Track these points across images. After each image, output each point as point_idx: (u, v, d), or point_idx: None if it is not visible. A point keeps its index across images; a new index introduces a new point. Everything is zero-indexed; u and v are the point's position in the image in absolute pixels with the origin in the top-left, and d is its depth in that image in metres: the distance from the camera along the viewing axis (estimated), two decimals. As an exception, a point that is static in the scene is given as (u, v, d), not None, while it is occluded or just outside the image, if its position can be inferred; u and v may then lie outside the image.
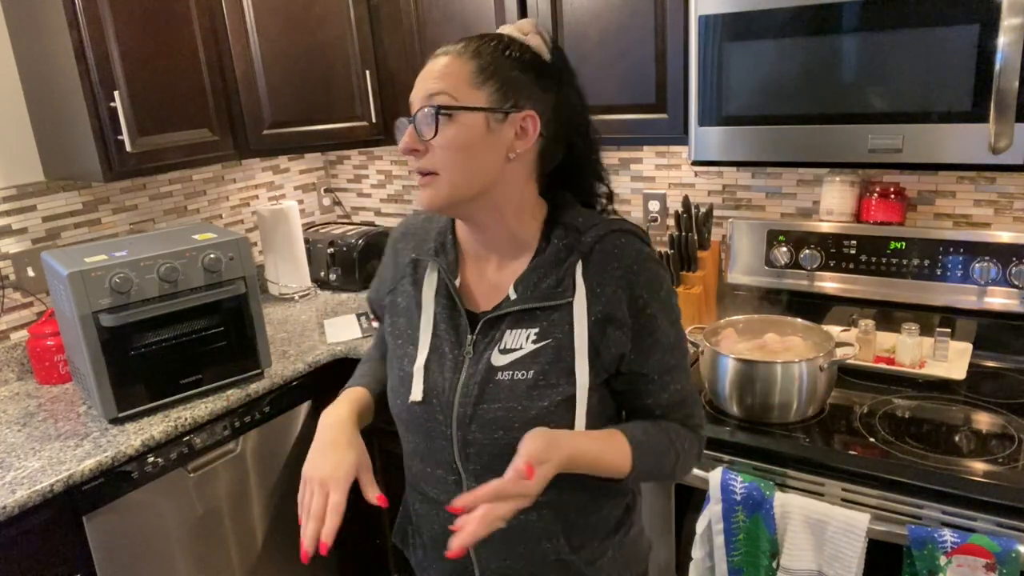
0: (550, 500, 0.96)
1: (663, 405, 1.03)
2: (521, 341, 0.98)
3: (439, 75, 0.93)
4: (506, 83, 0.94)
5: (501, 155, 0.95)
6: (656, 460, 1.01)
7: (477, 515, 0.84)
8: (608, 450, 0.97)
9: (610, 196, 1.09)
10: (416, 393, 1.02)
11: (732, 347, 1.63)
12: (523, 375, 0.97)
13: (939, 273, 1.77)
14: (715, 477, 1.46)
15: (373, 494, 0.98)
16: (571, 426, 0.97)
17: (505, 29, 1.00)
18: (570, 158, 1.03)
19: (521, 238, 1.02)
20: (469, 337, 1.01)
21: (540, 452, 0.88)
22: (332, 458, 1.00)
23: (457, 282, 1.04)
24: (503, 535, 0.95)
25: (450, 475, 1.03)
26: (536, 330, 0.98)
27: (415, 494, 1.12)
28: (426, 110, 0.92)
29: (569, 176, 1.05)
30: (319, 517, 0.98)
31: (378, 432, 2.19)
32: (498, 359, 0.98)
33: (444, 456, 1.02)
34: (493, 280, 1.03)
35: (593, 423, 0.98)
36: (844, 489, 1.40)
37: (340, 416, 1.09)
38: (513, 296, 0.99)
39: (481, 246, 1.04)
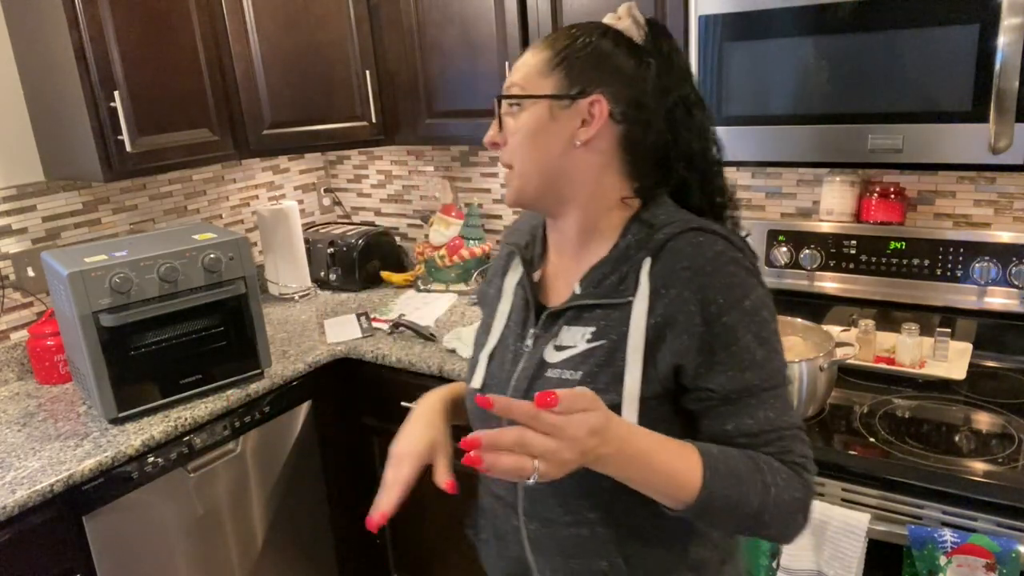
0: (602, 517, 0.92)
1: (747, 433, 0.87)
2: (576, 339, 0.93)
3: (518, 67, 0.95)
4: (575, 68, 0.91)
5: (565, 143, 0.92)
6: (736, 486, 0.83)
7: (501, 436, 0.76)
8: (669, 450, 0.83)
9: (723, 194, 0.98)
10: (477, 381, 1.02)
11: (732, 347, 1.62)
12: (571, 375, 0.91)
13: (939, 273, 1.77)
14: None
15: (443, 478, 0.94)
16: None
17: (605, 18, 0.97)
18: (675, 151, 0.94)
19: (599, 232, 0.96)
20: (531, 330, 0.98)
21: (584, 399, 0.76)
22: (411, 435, 1.03)
23: (537, 275, 1.02)
24: (558, 545, 0.95)
25: None
26: (592, 329, 0.92)
27: (483, 487, 1.10)
28: (501, 101, 0.94)
29: (672, 172, 0.95)
30: (387, 488, 1.00)
31: (377, 431, 2.20)
32: (551, 355, 0.94)
33: None
34: (568, 275, 0.99)
35: None
36: (844, 489, 1.40)
37: (432, 399, 1.09)
38: (578, 291, 0.95)
39: (561, 242, 1.01)
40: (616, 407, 0.87)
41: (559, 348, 0.94)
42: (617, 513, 0.91)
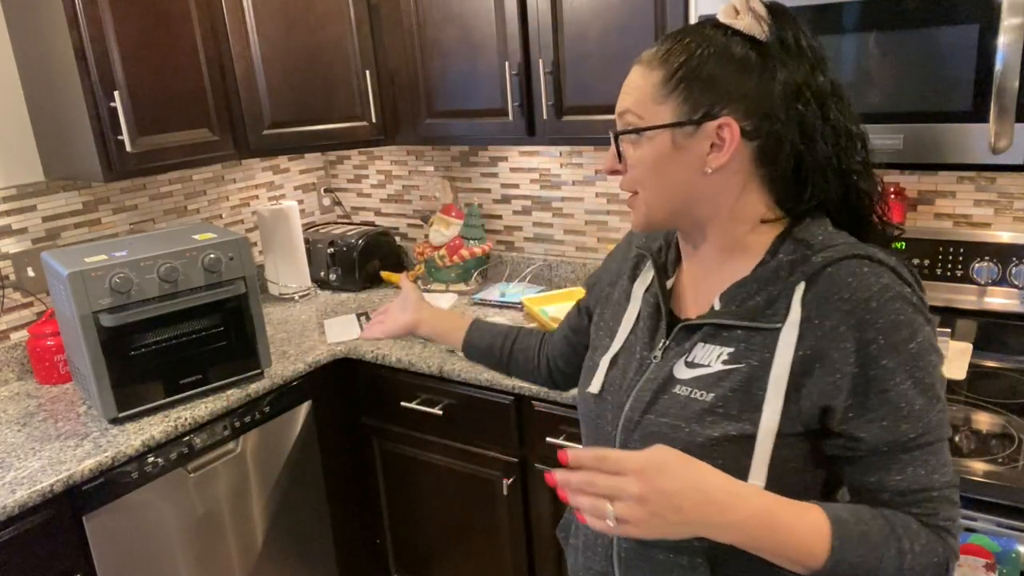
0: (707, 548, 0.84)
1: (893, 489, 0.80)
2: (711, 358, 0.86)
3: (628, 91, 0.88)
4: (696, 88, 0.83)
5: (695, 170, 0.84)
6: (868, 553, 0.76)
7: (574, 479, 0.76)
8: (791, 515, 0.76)
9: (868, 202, 0.88)
10: (595, 385, 0.97)
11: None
12: (701, 395, 0.84)
13: (939, 273, 1.77)
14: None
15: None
16: (743, 474, 0.80)
17: (720, 15, 0.87)
18: (809, 161, 0.84)
19: (742, 248, 0.89)
20: (663, 341, 0.92)
21: (660, 461, 0.74)
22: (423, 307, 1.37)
23: (670, 283, 0.97)
24: (651, 568, 0.90)
25: None
26: (730, 350, 0.85)
27: None
28: (631, 131, 0.87)
29: (809, 184, 0.86)
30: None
31: (377, 432, 2.20)
32: (681, 371, 0.88)
33: None
34: (705, 289, 0.92)
35: (778, 483, 0.80)
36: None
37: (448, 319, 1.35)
38: (717, 307, 0.88)
39: (696, 252, 0.94)
40: (750, 438, 0.81)
41: (691, 365, 0.87)
42: (727, 550, 0.78)
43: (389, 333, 1.38)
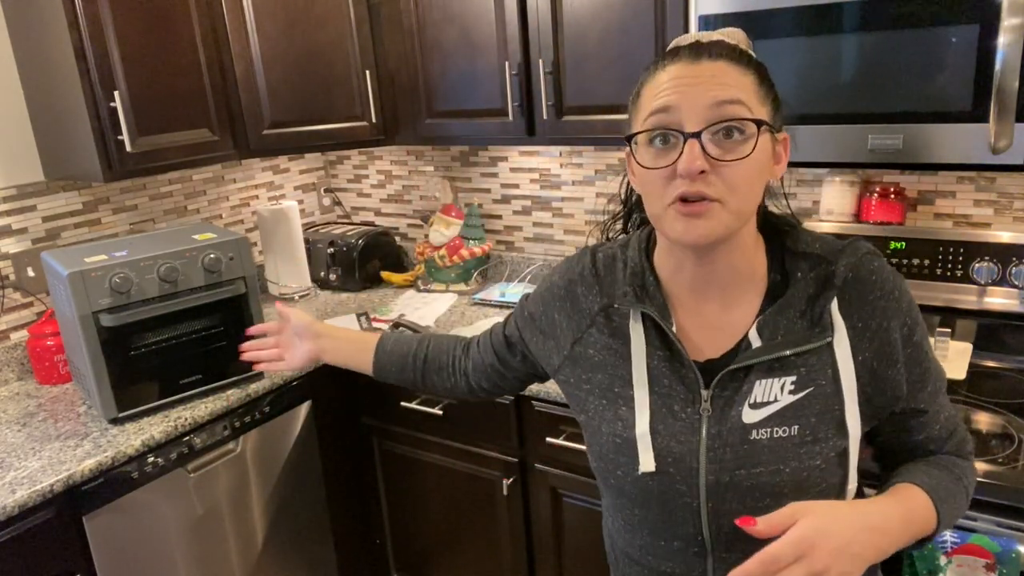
0: None
1: (936, 439, 0.91)
2: (775, 392, 0.84)
3: (729, 83, 0.80)
4: (776, 99, 0.84)
5: (767, 178, 0.85)
6: (953, 506, 0.86)
7: None
8: (912, 503, 0.83)
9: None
10: (647, 463, 0.87)
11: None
12: (785, 432, 0.83)
13: (939, 273, 1.77)
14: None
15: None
16: (843, 482, 0.86)
17: (729, 38, 0.86)
18: None
19: (748, 271, 0.89)
20: (704, 392, 0.87)
21: (815, 527, 0.73)
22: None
23: (674, 327, 0.90)
24: None
25: (691, 547, 0.90)
26: (793, 378, 0.84)
27: (638, 568, 0.98)
28: (735, 125, 0.79)
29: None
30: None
31: (377, 432, 2.20)
32: (750, 415, 0.84)
33: (686, 529, 0.89)
34: (718, 323, 0.89)
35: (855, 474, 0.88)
36: (844, 489, 1.40)
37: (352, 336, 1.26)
38: (757, 342, 0.85)
39: (702, 284, 0.89)
40: (844, 452, 0.85)
41: (756, 406, 0.85)
42: None
43: (292, 366, 1.27)
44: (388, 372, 1.23)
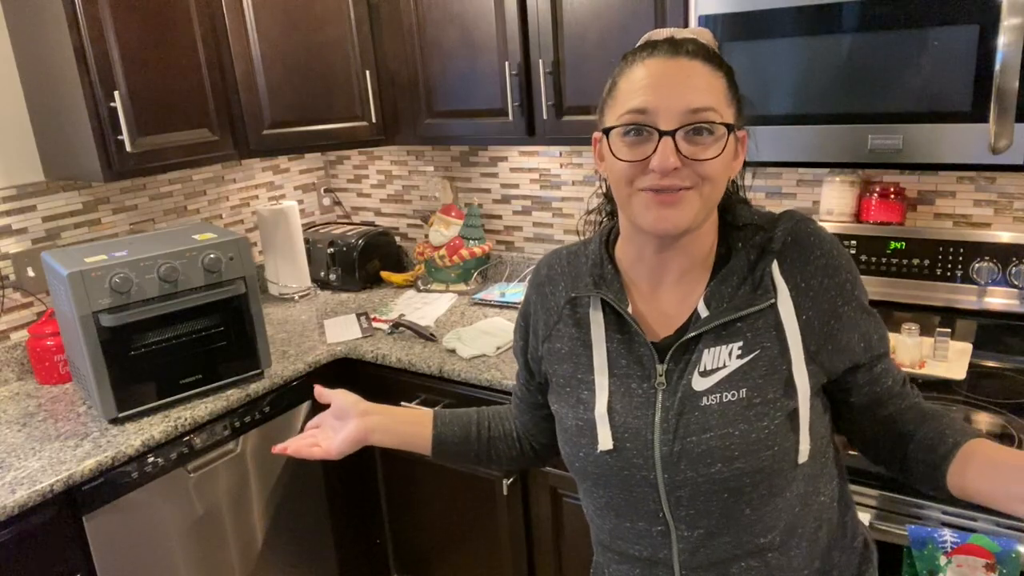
0: (772, 540, 0.90)
1: (898, 382, 0.95)
2: (724, 358, 0.87)
3: (702, 87, 0.85)
4: (740, 100, 0.90)
5: (729, 176, 0.91)
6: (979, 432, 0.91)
7: None
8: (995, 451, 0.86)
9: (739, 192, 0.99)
10: (604, 441, 0.90)
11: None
12: (733, 395, 0.86)
13: (939, 273, 1.77)
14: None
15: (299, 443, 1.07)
16: (795, 446, 0.86)
17: (700, 38, 0.91)
18: None
19: (701, 256, 0.93)
20: (659, 367, 0.90)
21: None
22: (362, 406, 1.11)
23: (630, 309, 0.93)
24: None
25: (655, 526, 0.92)
26: (740, 343, 0.87)
27: (610, 555, 1.00)
28: (705, 127, 0.84)
29: None
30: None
31: (378, 432, 2.20)
32: (700, 383, 0.87)
33: (647, 506, 0.91)
34: (669, 303, 0.94)
35: (814, 437, 0.88)
36: (844, 489, 1.40)
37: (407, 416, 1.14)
38: (705, 313, 0.89)
39: (660, 271, 0.94)
40: (794, 414, 0.86)
41: (706, 373, 0.88)
42: (785, 534, 0.90)
43: (330, 453, 1.07)
44: (448, 447, 1.13)
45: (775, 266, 0.89)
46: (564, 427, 0.97)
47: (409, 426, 1.12)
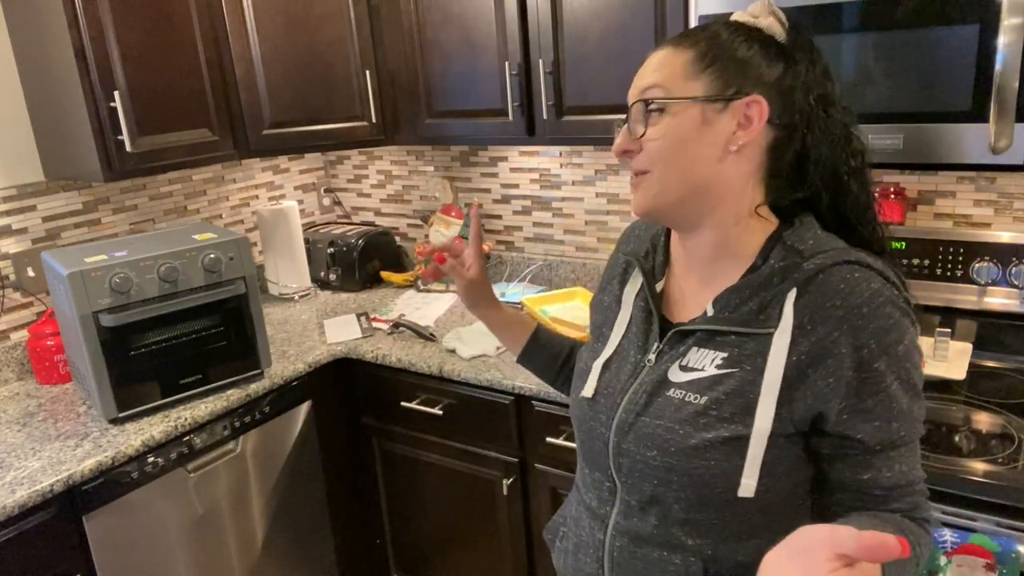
0: (700, 547, 0.88)
1: (884, 486, 0.84)
2: (705, 362, 0.87)
3: (654, 68, 0.87)
4: (728, 68, 0.84)
5: (719, 149, 0.85)
6: (904, 565, 0.81)
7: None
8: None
9: (859, 210, 0.89)
10: (588, 389, 0.97)
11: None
12: (695, 398, 0.86)
13: (939, 273, 1.77)
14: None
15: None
16: (736, 474, 0.83)
17: (735, 16, 0.89)
18: (812, 157, 0.87)
19: (736, 250, 0.89)
20: (656, 345, 0.93)
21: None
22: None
23: (659, 286, 0.97)
24: (643, 568, 0.91)
25: (606, 482, 0.96)
26: (724, 355, 0.86)
27: (575, 493, 1.06)
28: (638, 106, 0.86)
29: (805, 182, 0.88)
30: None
31: (377, 432, 2.20)
32: (676, 374, 0.89)
33: (601, 460, 0.95)
34: (696, 293, 0.94)
35: (770, 482, 0.84)
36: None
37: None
38: (710, 312, 0.88)
39: (687, 257, 0.94)
40: (743, 439, 0.82)
41: (685, 368, 0.88)
42: (720, 550, 0.87)
43: (471, 276, 1.35)
44: (536, 352, 1.23)
45: (791, 297, 0.83)
46: (576, 367, 1.05)
47: (516, 314, 1.28)
